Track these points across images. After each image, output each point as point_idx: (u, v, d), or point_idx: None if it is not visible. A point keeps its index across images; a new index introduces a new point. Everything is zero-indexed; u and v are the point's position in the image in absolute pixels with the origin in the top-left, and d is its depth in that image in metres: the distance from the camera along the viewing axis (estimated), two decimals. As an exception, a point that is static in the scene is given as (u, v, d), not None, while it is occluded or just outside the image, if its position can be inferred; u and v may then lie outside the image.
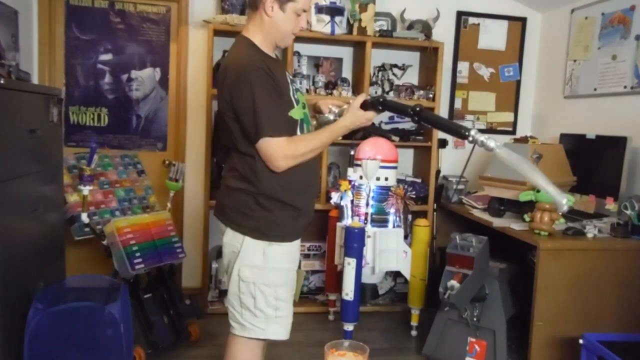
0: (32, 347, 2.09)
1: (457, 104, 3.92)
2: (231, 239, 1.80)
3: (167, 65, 3.55)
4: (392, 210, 3.00)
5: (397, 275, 3.61)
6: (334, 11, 3.31)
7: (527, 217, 2.59)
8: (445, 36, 3.70)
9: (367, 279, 3.02)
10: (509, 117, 4.01)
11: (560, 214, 2.51)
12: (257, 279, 1.77)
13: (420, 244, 3.13)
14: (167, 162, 3.24)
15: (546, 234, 2.48)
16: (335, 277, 3.26)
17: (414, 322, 3.20)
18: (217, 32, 3.26)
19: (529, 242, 2.51)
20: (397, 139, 3.47)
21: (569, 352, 2.41)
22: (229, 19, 3.20)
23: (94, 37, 3.43)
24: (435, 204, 3.59)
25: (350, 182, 3.04)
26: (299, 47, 3.56)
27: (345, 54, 3.76)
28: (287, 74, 1.84)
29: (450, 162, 3.85)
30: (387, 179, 3.00)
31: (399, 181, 3.26)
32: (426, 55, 3.60)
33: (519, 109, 4.01)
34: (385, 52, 3.70)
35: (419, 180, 3.62)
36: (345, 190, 3.03)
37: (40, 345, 2.10)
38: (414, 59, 3.81)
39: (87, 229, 2.73)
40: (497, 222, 2.80)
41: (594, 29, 3.33)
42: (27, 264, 2.21)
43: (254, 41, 1.77)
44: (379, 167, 2.97)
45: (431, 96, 3.54)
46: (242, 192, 1.76)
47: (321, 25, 3.32)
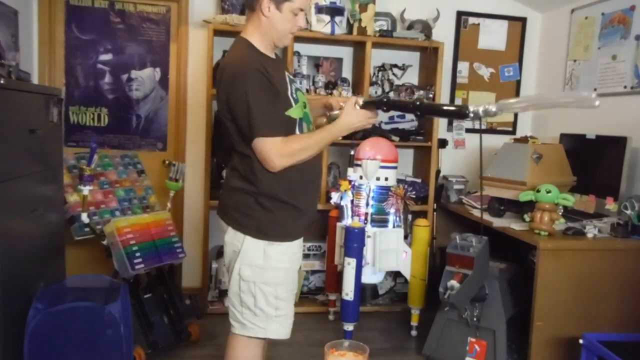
0: (32, 347, 2.09)
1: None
2: (232, 238, 1.81)
3: (167, 65, 3.55)
4: (392, 210, 3.00)
5: (397, 275, 3.61)
6: (334, 11, 3.31)
7: (527, 217, 2.59)
8: (445, 36, 3.70)
9: (367, 279, 3.02)
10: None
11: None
12: (258, 278, 1.77)
13: (420, 244, 3.13)
14: (167, 162, 3.23)
15: (546, 234, 2.48)
16: (335, 277, 3.26)
17: (414, 322, 3.20)
18: (217, 32, 3.26)
19: (529, 242, 2.51)
20: (397, 139, 3.48)
21: (569, 352, 2.41)
22: (229, 19, 3.20)
23: (94, 37, 3.43)
24: (435, 204, 3.59)
25: (350, 182, 3.04)
26: (299, 47, 3.56)
27: (345, 54, 3.75)
28: (286, 73, 1.85)
29: (450, 162, 3.86)
30: (387, 179, 3.00)
31: (399, 181, 3.26)
32: (426, 55, 3.60)
33: (519, 109, 4.01)
34: (385, 52, 3.70)
35: (419, 180, 3.62)
36: (345, 190, 3.03)
37: (40, 345, 2.10)
38: (414, 59, 3.81)
39: (87, 229, 2.73)
40: (497, 222, 2.80)
41: (594, 29, 3.33)
42: (27, 264, 2.21)
43: (252, 42, 1.78)
44: (379, 167, 2.97)
45: (431, 96, 3.54)
46: (244, 192, 1.77)
47: (321, 25, 3.32)
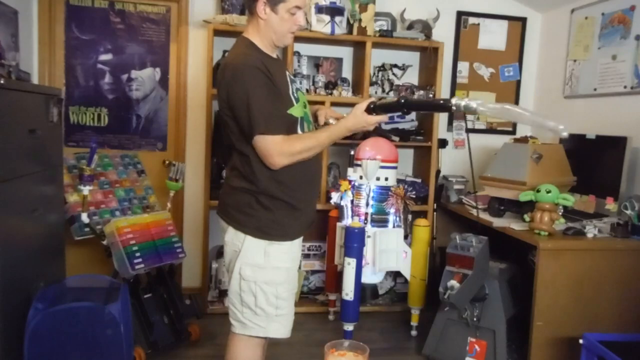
0: (32, 347, 2.09)
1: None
2: (233, 237, 1.81)
3: (167, 65, 3.55)
4: (392, 210, 3.00)
5: (397, 275, 3.61)
6: (334, 11, 3.31)
7: (527, 217, 2.59)
8: (445, 36, 3.69)
9: (367, 279, 3.02)
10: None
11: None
12: (258, 278, 1.78)
13: (420, 244, 3.13)
14: (167, 162, 3.24)
15: (546, 234, 2.48)
16: (335, 277, 3.26)
17: (414, 322, 3.20)
18: (217, 32, 3.26)
19: (529, 242, 2.51)
20: (397, 139, 3.47)
21: (569, 352, 2.41)
22: (229, 19, 3.20)
23: (94, 37, 3.43)
24: (435, 204, 3.59)
25: (350, 182, 3.04)
26: (299, 47, 3.56)
27: (345, 54, 3.75)
28: (287, 73, 1.85)
29: (450, 162, 3.86)
30: (387, 179, 3.00)
31: (399, 181, 3.26)
32: (426, 55, 3.60)
33: (519, 109, 4.01)
34: (385, 52, 3.70)
35: (419, 180, 3.62)
36: (345, 190, 3.03)
37: (40, 345, 2.10)
38: (414, 59, 3.81)
39: (87, 229, 2.73)
40: (497, 222, 2.80)
41: (594, 29, 3.33)
42: (27, 264, 2.21)
43: (254, 41, 1.78)
44: (379, 167, 2.97)
45: (431, 96, 3.54)
46: (244, 191, 1.78)
47: (321, 25, 3.32)
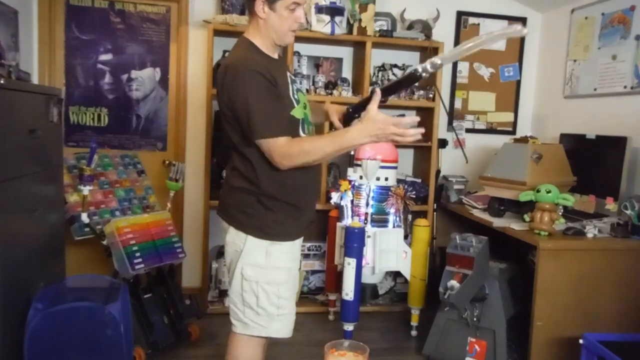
0: (32, 347, 2.09)
1: (457, 104, 3.92)
2: (234, 237, 1.81)
3: (167, 65, 3.55)
4: (392, 210, 3.00)
5: (397, 275, 3.61)
6: (334, 11, 3.31)
7: (527, 217, 2.59)
8: (445, 36, 3.69)
9: (367, 279, 3.02)
10: (509, 117, 4.00)
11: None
12: (260, 278, 1.78)
13: (420, 244, 3.13)
14: (167, 162, 3.24)
15: (546, 234, 2.48)
16: (335, 277, 3.26)
17: (414, 322, 3.20)
18: (217, 32, 3.26)
19: (529, 242, 2.51)
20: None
21: (569, 352, 2.41)
22: (229, 19, 3.20)
23: (94, 37, 3.43)
24: (435, 204, 3.59)
25: (350, 182, 3.04)
26: (299, 47, 3.56)
27: (345, 54, 3.75)
28: (288, 73, 1.84)
29: (450, 162, 3.86)
30: (387, 179, 3.00)
31: (399, 181, 3.26)
32: (426, 55, 3.60)
33: (519, 109, 4.01)
34: (385, 52, 3.70)
35: (419, 180, 3.62)
36: (345, 190, 3.03)
37: (40, 345, 2.10)
38: (414, 59, 3.81)
39: (87, 229, 2.73)
40: (497, 222, 2.80)
41: (594, 29, 3.33)
42: (27, 264, 2.21)
43: (254, 42, 1.77)
44: (379, 167, 2.97)
45: (431, 96, 3.54)
46: (245, 192, 1.77)
47: (321, 25, 3.32)
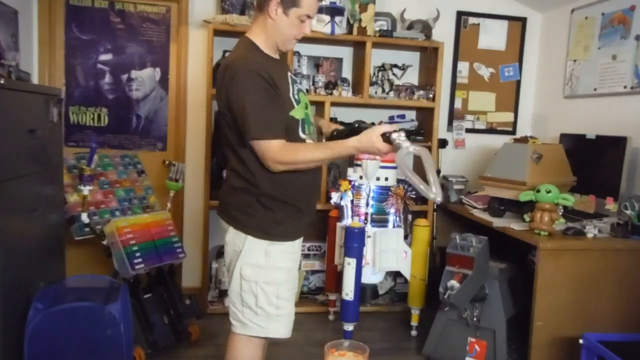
0: (32, 347, 2.09)
1: (457, 104, 3.92)
2: (233, 237, 1.81)
3: (167, 65, 3.55)
4: (392, 210, 3.00)
5: (397, 275, 3.61)
6: (334, 11, 3.31)
7: (527, 217, 2.59)
8: (445, 36, 3.69)
9: (367, 279, 3.02)
10: (509, 117, 4.00)
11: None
12: (259, 278, 1.78)
13: (420, 244, 3.13)
14: (167, 162, 3.23)
15: (546, 234, 2.48)
16: (335, 277, 3.26)
17: (414, 322, 3.20)
18: (217, 32, 3.26)
19: (529, 242, 2.51)
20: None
21: (569, 352, 2.41)
22: (229, 19, 3.20)
23: (94, 37, 3.43)
24: (435, 204, 3.59)
25: (350, 182, 3.04)
26: (299, 47, 3.56)
27: (345, 54, 3.75)
28: (289, 74, 1.84)
29: (450, 162, 3.86)
30: (387, 179, 3.00)
31: (399, 181, 3.25)
32: (426, 55, 3.60)
33: (519, 109, 4.01)
34: (385, 52, 3.70)
35: (419, 180, 3.62)
36: (345, 190, 3.02)
37: (40, 345, 2.10)
38: (414, 59, 3.81)
39: (87, 229, 2.73)
40: (497, 222, 2.80)
41: (594, 29, 3.33)
42: (27, 264, 2.21)
43: (256, 42, 1.77)
44: (379, 167, 2.96)
45: (431, 96, 3.54)
46: (245, 192, 1.77)
47: (321, 25, 3.32)
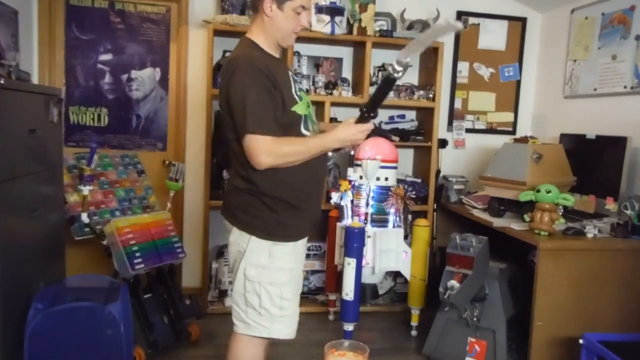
0: (32, 347, 2.09)
1: (457, 104, 3.92)
2: (237, 238, 1.81)
3: (167, 65, 3.55)
4: (392, 210, 3.00)
5: (397, 275, 3.61)
6: (334, 11, 3.31)
7: (527, 217, 2.59)
8: (445, 36, 3.69)
9: (367, 279, 3.02)
10: (509, 117, 4.00)
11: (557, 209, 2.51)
12: (263, 279, 1.78)
13: (420, 244, 3.13)
14: (167, 162, 3.23)
15: (546, 234, 2.48)
16: (335, 277, 3.26)
17: (414, 322, 3.20)
18: (217, 32, 3.26)
19: (529, 242, 2.51)
20: (397, 139, 3.47)
21: (569, 352, 2.41)
22: (229, 19, 3.20)
23: (94, 37, 3.43)
24: (435, 204, 3.59)
25: (350, 182, 3.04)
26: (299, 47, 3.56)
27: (345, 54, 3.75)
28: (290, 73, 1.85)
29: (450, 162, 3.86)
30: (387, 179, 3.00)
31: (399, 181, 3.26)
32: (426, 55, 3.60)
33: (519, 109, 4.01)
34: (385, 52, 3.69)
35: (419, 180, 3.62)
36: (345, 190, 3.03)
37: (40, 345, 2.10)
38: (414, 59, 3.75)
39: (87, 229, 2.73)
40: (497, 222, 2.80)
41: (594, 29, 3.33)
42: (27, 264, 2.21)
43: (257, 41, 1.79)
44: (379, 167, 2.97)
45: (431, 96, 3.54)
46: (249, 192, 1.77)
47: (321, 25, 3.32)
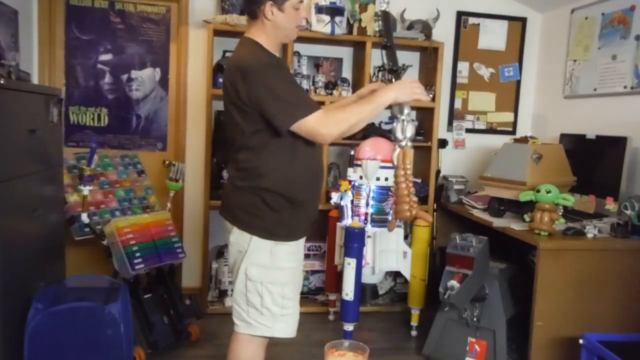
0: (32, 347, 2.09)
1: (457, 104, 3.92)
2: (238, 238, 1.81)
3: (167, 65, 3.55)
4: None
5: (397, 275, 3.61)
6: (334, 11, 3.31)
7: (527, 217, 2.59)
8: (445, 36, 3.70)
9: (367, 279, 3.02)
10: (509, 117, 4.00)
11: (559, 213, 2.51)
12: (265, 278, 1.78)
13: (420, 244, 3.13)
14: (167, 162, 3.23)
15: (546, 234, 2.48)
16: (335, 277, 3.26)
17: (414, 322, 3.20)
18: (217, 32, 3.26)
19: (529, 242, 2.51)
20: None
21: (569, 352, 2.41)
22: (229, 19, 3.20)
23: (94, 37, 3.43)
24: (435, 204, 3.59)
25: (350, 182, 3.04)
26: (299, 47, 3.56)
27: (345, 54, 3.75)
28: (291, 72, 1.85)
29: (450, 162, 3.86)
30: (387, 179, 3.00)
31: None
32: (426, 55, 3.60)
33: (519, 109, 4.01)
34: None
35: (419, 180, 3.62)
36: (345, 190, 3.03)
37: (40, 345, 2.10)
38: (414, 59, 3.81)
39: (87, 229, 2.73)
40: (497, 222, 2.80)
41: (594, 29, 3.33)
42: (27, 264, 2.21)
43: (259, 42, 1.78)
44: (379, 167, 2.97)
45: (431, 96, 3.53)
46: (250, 192, 1.77)
47: (321, 25, 3.32)
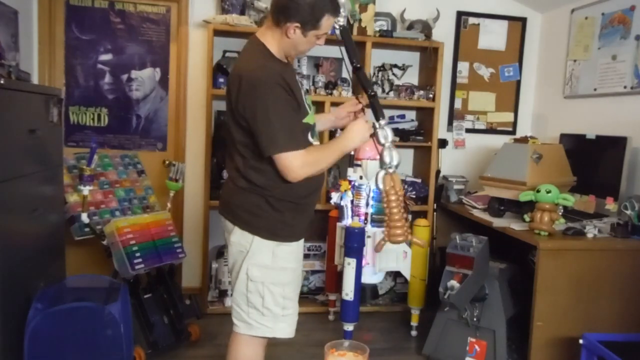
0: (32, 347, 2.09)
1: (457, 104, 3.92)
2: (239, 238, 1.80)
3: (167, 65, 3.55)
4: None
5: (397, 275, 3.61)
6: (334, 11, 3.30)
7: (527, 217, 2.59)
8: (445, 36, 3.70)
9: (367, 279, 3.02)
10: (509, 117, 4.00)
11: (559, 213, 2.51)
12: (266, 279, 1.78)
13: (420, 244, 3.13)
14: (167, 162, 3.23)
15: (546, 234, 2.48)
16: (335, 277, 3.26)
17: (414, 322, 3.20)
18: (217, 32, 3.26)
19: (529, 242, 2.51)
20: (397, 139, 3.47)
21: (569, 352, 2.41)
22: (229, 19, 3.20)
23: (94, 37, 3.43)
24: (435, 204, 3.59)
25: (350, 182, 3.04)
26: (299, 47, 3.56)
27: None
28: (297, 78, 1.85)
29: (450, 162, 3.86)
30: (387, 179, 3.00)
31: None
32: (426, 55, 3.60)
33: (519, 109, 4.01)
34: (385, 52, 3.69)
35: (419, 180, 3.62)
36: (345, 190, 3.02)
37: (40, 345, 2.10)
38: (414, 59, 3.81)
39: (87, 229, 2.73)
40: (497, 222, 2.80)
41: (594, 29, 3.33)
42: (27, 264, 2.21)
43: (269, 48, 1.75)
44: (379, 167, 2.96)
45: (431, 96, 3.54)
46: (253, 192, 1.76)
47: (321, 25, 3.31)
